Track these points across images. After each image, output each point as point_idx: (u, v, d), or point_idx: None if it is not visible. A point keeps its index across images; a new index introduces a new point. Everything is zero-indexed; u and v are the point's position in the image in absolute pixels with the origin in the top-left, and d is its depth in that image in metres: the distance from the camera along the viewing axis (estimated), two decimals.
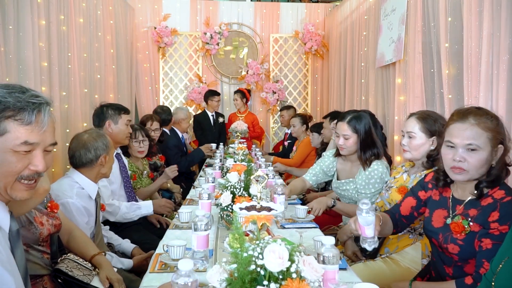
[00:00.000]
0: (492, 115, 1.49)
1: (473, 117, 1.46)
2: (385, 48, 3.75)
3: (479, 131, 1.44)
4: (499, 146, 1.46)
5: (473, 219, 1.47)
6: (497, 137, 1.45)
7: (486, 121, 1.45)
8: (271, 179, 2.73)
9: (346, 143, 2.45)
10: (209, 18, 6.19)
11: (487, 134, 1.44)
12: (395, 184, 2.17)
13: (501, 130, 1.47)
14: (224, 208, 1.98)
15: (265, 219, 1.15)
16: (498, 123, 1.48)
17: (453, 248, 1.51)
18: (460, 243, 1.50)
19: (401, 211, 1.80)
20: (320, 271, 0.95)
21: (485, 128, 1.44)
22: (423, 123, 2.04)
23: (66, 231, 1.87)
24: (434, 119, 2.05)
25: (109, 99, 4.38)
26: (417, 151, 2.04)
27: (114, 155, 2.80)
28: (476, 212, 1.48)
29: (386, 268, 1.95)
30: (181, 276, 0.99)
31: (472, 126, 1.45)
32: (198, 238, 1.52)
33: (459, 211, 1.55)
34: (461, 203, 1.55)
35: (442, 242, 1.56)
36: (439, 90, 2.79)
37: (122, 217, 2.61)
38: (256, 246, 0.93)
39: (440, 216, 1.62)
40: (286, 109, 5.51)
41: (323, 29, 6.36)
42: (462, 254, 1.50)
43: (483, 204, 1.47)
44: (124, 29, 5.27)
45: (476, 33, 2.32)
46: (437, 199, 1.68)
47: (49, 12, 3.23)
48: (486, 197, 1.48)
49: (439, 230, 1.59)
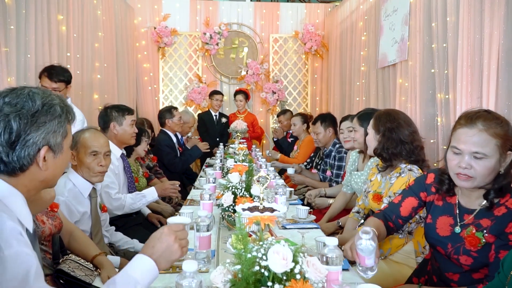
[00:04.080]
0: (502, 120, 1.40)
1: (481, 122, 1.38)
2: (387, 48, 3.76)
3: (487, 138, 1.36)
4: (508, 152, 1.38)
5: (488, 230, 1.41)
6: (507, 143, 1.37)
7: (496, 126, 1.37)
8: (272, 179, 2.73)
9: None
10: (208, 18, 6.18)
11: (495, 141, 1.36)
12: (372, 189, 2.18)
13: (510, 136, 1.39)
14: (226, 209, 1.98)
15: (268, 220, 1.15)
16: (509, 129, 1.39)
17: (466, 260, 1.45)
18: (474, 255, 1.43)
19: (401, 212, 1.71)
20: (323, 272, 0.95)
21: (494, 134, 1.36)
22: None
23: (67, 232, 1.87)
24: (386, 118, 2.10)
25: (109, 99, 4.37)
26: (370, 147, 2.13)
27: (120, 156, 2.81)
28: (490, 223, 1.41)
29: (388, 268, 1.95)
30: (186, 277, 0.99)
31: (480, 132, 1.37)
32: (201, 239, 1.53)
33: (469, 221, 1.48)
34: (470, 213, 1.49)
35: (452, 253, 1.49)
36: (440, 90, 2.79)
37: (130, 208, 2.63)
38: (260, 247, 0.93)
39: (446, 224, 1.55)
40: (283, 114, 5.52)
41: (323, 29, 6.36)
42: (474, 265, 1.44)
43: (497, 214, 1.41)
44: (123, 29, 5.27)
45: (477, 33, 2.32)
46: (440, 205, 1.61)
47: (49, 12, 3.22)
48: (499, 206, 1.41)
49: (447, 240, 1.52)
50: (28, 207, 1.14)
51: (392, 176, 2.04)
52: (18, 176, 1.11)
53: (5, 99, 1.08)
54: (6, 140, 1.06)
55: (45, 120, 1.10)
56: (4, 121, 1.06)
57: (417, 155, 2.02)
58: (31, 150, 1.09)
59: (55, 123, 1.12)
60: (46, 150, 1.11)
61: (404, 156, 2.01)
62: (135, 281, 1.11)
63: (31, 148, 1.09)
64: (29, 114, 1.08)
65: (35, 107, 1.09)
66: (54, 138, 1.13)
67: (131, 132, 2.85)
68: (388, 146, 2.02)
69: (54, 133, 1.12)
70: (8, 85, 2.68)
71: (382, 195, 2.07)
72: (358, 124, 2.59)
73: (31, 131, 1.08)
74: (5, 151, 1.06)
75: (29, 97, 1.10)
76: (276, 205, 1.32)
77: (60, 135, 1.14)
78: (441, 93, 2.78)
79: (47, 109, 1.11)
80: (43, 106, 1.11)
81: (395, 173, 2.03)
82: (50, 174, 1.16)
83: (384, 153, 2.04)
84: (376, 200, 2.08)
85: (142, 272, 1.12)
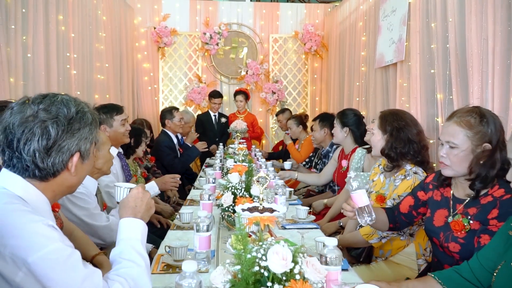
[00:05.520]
0: (478, 113, 1.49)
1: (457, 116, 1.51)
2: (384, 48, 3.76)
3: (457, 129, 1.49)
4: (485, 144, 1.46)
5: (473, 217, 1.49)
6: (480, 134, 1.46)
7: (469, 119, 1.48)
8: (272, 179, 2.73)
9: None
10: (208, 18, 6.18)
11: (465, 132, 1.47)
12: (374, 189, 2.18)
13: (485, 128, 1.46)
14: (225, 209, 1.98)
15: (268, 220, 1.15)
16: (483, 121, 1.47)
17: (454, 247, 1.52)
18: (460, 241, 1.51)
19: (400, 208, 1.82)
20: (323, 272, 0.95)
21: (465, 125, 1.48)
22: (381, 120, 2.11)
23: (67, 232, 1.87)
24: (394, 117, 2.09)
25: (109, 99, 4.38)
26: (375, 147, 2.12)
27: (116, 155, 2.80)
28: (476, 211, 1.49)
29: (388, 269, 1.95)
30: (185, 277, 0.99)
31: (452, 124, 1.51)
32: (200, 239, 1.53)
33: (460, 210, 1.56)
34: (462, 202, 1.57)
35: (443, 241, 1.57)
36: (440, 91, 2.79)
37: None
38: (259, 248, 0.94)
39: (442, 215, 1.63)
40: (281, 113, 5.50)
41: (323, 30, 6.36)
42: (463, 253, 1.50)
43: (483, 202, 1.48)
44: (123, 29, 5.27)
45: (478, 34, 2.32)
46: (438, 200, 1.69)
47: (49, 12, 3.23)
48: (486, 196, 1.49)
49: (440, 229, 1.60)
50: None
51: (396, 178, 2.04)
52: (49, 181, 1.13)
53: (39, 106, 1.10)
54: (44, 146, 1.08)
55: (79, 127, 1.14)
56: (41, 128, 1.08)
57: (423, 156, 2.03)
58: (65, 156, 1.12)
59: (86, 130, 1.16)
60: (78, 157, 1.15)
61: (411, 156, 2.01)
62: (136, 240, 1.21)
63: (65, 155, 1.12)
64: (65, 121, 1.11)
65: (70, 113, 1.12)
66: (85, 145, 1.17)
67: (123, 131, 2.78)
68: (397, 145, 2.01)
69: (85, 140, 1.16)
70: (8, 85, 2.70)
71: (385, 196, 2.07)
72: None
73: (66, 138, 1.11)
74: (41, 156, 1.08)
75: (63, 104, 1.12)
76: (275, 205, 1.32)
77: (89, 141, 1.18)
78: (441, 93, 2.78)
79: (80, 116, 1.15)
80: (77, 113, 1.14)
81: (400, 175, 2.03)
82: (77, 180, 1.20)
83: (392, 152, 2.02)
84: (379, 201, 2.08)
85: (138, 232, 1.25)
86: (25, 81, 2.93)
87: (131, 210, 1.27)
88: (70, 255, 1.02)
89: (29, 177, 1.11)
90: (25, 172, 1.10)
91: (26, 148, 1.07)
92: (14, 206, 1.04)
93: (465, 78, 2.46)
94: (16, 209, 1.04)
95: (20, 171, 1.10)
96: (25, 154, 1.08)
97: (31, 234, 0.99)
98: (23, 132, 1.07)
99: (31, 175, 1.11)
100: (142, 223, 1.27)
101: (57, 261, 0.98)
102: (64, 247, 1.02)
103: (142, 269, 1.15)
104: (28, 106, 1.10)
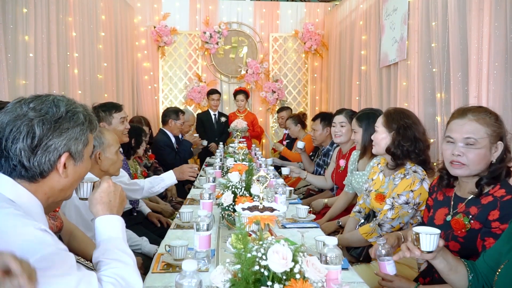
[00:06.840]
0: (490, 112, 1.51)
1: (472, 114, 1.49)
2: (388, 48, 3.76)
3: (477, 126, 1.46)
4: (499, 142, 1.47)
5: (474, 217, 1.49)
6: (496, 133, 1.47)
7: (484, 117, 1.48)
8: (272, 178, 2.73)
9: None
10: (208, 17, 6.18)
11: (485, 130, 1.46)
12: (373, 188, 2.17)
13: (500, 126, 1.49)
14: (226, 208, 1.98)
15: (268, 220, 1.15)
16: (497, 120, 1.49)
17: (454, 246, 1.52)
18: (460, 240, 1.51)
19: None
20: (323, 272, 0.95)
21: (484, 123, 1.47)
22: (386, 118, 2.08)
23: (67, 231, 1.88)
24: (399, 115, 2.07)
25: (108, 99, 4.38)
26: (379, 145, 2.08)
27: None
28: (477, 210, 1.49)
29: None
30: (185, 277, 0.99)
31: (470, 122, 1.48)
32: (201, 238, 1.53)
33: (461, 209, 1.56)
34: (463, 201, 1.56)
35: (444, 240, 1.56)
36: (440, 90, 2.79)
37: (149, 192, 2.60)
38: (259, 247, 0.94)
39: (442, 214, 1.63)
40: (284, 110, 5.52)
41: (323, 29, 6.36)
42: (463, 252, 1.50)
43: (484, 202, 1.48)
44: (123, 28, 5.27)
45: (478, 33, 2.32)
46: (441, 199, 1.69)
47: (49, 12, 3.22)
48: (487, 195, 1.48)
49: (440, 228, 1.59)
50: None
51: (396, 176, 2.03)
52: (39, 182, 1.11)
53: (30, 105, 1.08)
54: (29, 145, 1.06)
55: (68, 126, 1.11)
56: (28, 126, 1.06)
57: (426, 155, 2.03)
58: (52, 156, 1.09)
59: (77, 130, 1.13)
60: (66, 157, 1.12)
61: (415, 155, 2.01)
62: (118, 239, 1.20)
63: (52, 154, 1.09)
64: (52, 119, 1.08)
65: (59, 113, 1.10)
66: (75, 146, 1.13)
67: (122, 129, 2.79)
68: (404, 143, 1.99)
69: (75, 140, 1.13)
70: (8, 85, 2.70)
71: (385, 195, 2.06)
72: (357, 125, 2.55)
73: (53, 137, 1.08)
74: (26, 155, 1.06)
75: (53, 103, 1.11)
76: (276, 204, 1.32)
77: (81, 142, 1.14)
78: (440, 93, 2.78)
79: (70, 115, 1.12)
80: (67, 113, 1.11)
81: (400, 174, 2.02)
82: (69, 182, 1.16)
83: (398, 150, 2.00)
84: (378, 200, 2.07)
85: (119, 230, 1.23)
86: (27, 81, 2.93)
87: (106, 206, 1.24)
88: (63, 259, 1.00)
89: (17, 177, 1.09)
90: (13, 172, 1.08)
91: (13, 147, 1.05)
92: (5, 210, 1.02)
93: (465, 78, 2.46)
94: (8, 213, 1.02)
95: (8, 171, 1.08)
96: (12, 153, 1.06)
97: (23, 240, 0.97)
98: (11, 131, 1.05)
99: (19, 175, 1.09)
100: (120, 219, 1.25)
101: (51, 266, 0.96)
102: (58, 251, 1.00)
103: (130, 267, 1.13)
104: (19, 106, 1.09)
